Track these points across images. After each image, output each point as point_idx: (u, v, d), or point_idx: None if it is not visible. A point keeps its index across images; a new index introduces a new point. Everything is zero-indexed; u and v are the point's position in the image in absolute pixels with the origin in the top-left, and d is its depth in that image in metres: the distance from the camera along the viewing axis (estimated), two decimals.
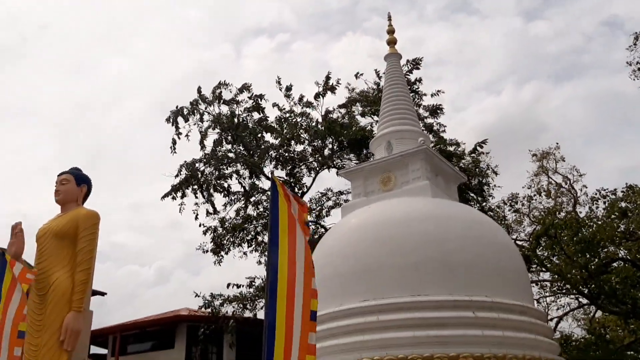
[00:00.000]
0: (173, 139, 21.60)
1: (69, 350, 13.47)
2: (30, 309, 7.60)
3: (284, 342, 6.12)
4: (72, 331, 14.03)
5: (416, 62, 22.84)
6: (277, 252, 6.58)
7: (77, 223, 14.05)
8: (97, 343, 22.45)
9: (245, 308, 20.58)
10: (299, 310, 6.34)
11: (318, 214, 23.48)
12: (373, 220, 11.49)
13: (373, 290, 10.32)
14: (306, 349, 6.21)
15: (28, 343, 8.60)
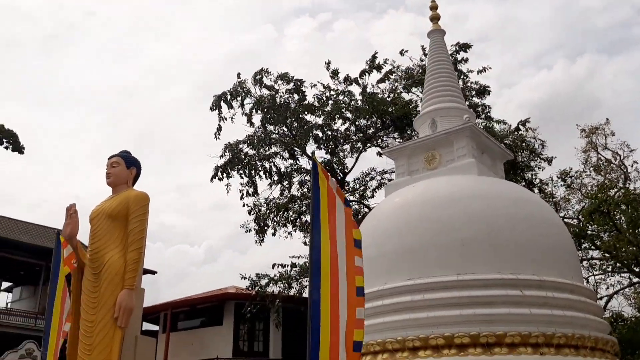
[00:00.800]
0: (218, 125, 21.87)
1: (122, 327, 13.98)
2: (86, 287, 7.90)
3: (330, 318, 6.18)
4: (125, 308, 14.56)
5: (465, 46, 22.38)
6: (319, 231, 6.63)
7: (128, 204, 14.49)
8: (149, 320, 23.18)
9: (290, 287, 20.85)
10: (344, 287, 6.39)
11: (362, 194, 23.48)
12: (418, 199, 11.41)
13: (418, 269, 10.29)
14: (354, 323, 6.27)
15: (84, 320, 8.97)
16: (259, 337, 21.56)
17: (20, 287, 35.41)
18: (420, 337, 9.61)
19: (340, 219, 6.68)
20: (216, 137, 21.90)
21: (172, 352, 20.86)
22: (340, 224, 6.67)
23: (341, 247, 6.52)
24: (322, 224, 6.66)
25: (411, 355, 9.59)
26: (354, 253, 6.59)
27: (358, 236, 6.72)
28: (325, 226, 6.65)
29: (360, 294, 6.35)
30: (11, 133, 24.11)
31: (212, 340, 20.99)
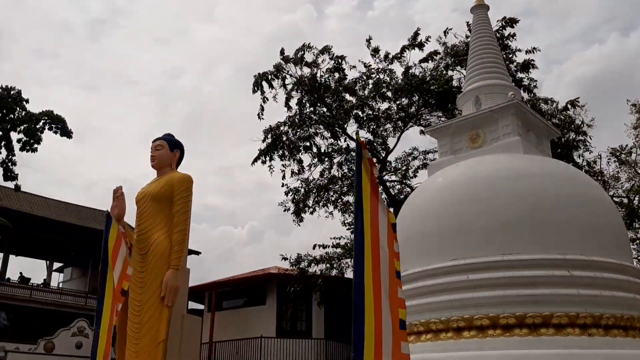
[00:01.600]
0: (260, 106, 21.95)
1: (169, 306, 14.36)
2: (134, 267, 8.10)
3: (373, 300, 6.21)
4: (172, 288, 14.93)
5: (511, 21, 21.74)
6: (362, 213, 6.62)
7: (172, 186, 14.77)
8: (194, 299, 23.68)
9: (332, 268, 20.95)
10: (385, 270, 6.39)
11: (404, 174, 23.30)
12: (461, 178, 11.24)
13: (461, 250, 10.17)
14: (397, 302, 6.30)
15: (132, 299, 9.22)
16: (302, 317, 21.78)
17: (70, 267, 36.65)
18: (464, 317, 9.55)
19: (381, 200, 6.66)
20: (259, 117, 22.01)
21: (217, 330, 21.28)
22: (382, 206, 6.65)
23: (383, 230, 6.52)
24: (364, 206, 6.64)
25: (455, 335, 9.54)
26: (393, 237, 6.60)
27: (393, 220, 6.72)
28: (367, 208, 6.63)
29: (398, 276, 6.39)
30: (60, 118, 24.75)
31: (255, 319, 21.31)
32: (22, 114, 23.64)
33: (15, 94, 23.73)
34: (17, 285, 29.72)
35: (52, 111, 24.53)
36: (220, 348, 21.13)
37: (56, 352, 20.70)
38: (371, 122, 22.51)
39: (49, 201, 32.70)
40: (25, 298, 28.81)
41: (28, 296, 29.03)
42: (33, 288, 30.10)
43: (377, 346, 6.12)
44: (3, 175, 23.45)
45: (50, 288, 32.45)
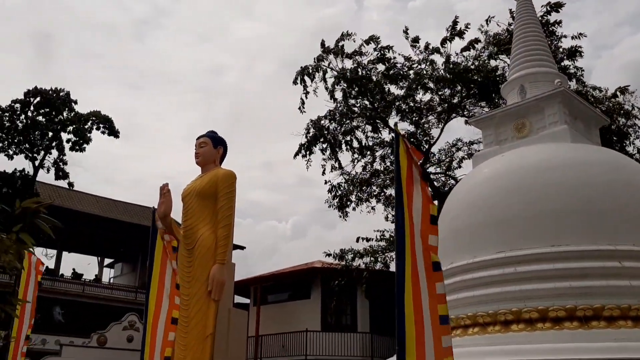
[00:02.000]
0: (301, 99, 22.00)
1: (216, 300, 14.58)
2: (181, 262, 8.25)
3: (412, 296, 6.18)
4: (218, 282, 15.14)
5: (556, 6, 21.14)
6: (402, 206, 6.58)
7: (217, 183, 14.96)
8: (240, 293, 23.98)
9: (376, 261, 20.88)
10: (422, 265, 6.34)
11: (448, 166, 23.02)
12: (507, 169, 11.02)
13: (509, 242, 9.99)
14: (436, 298, 6.25)
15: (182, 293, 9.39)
16: (347, 311, 21.79)
17: (121, 263, 37.63)
18: (512, 310, 9.39)
19: (417, 193, 6.59)
20: (301, 111, 22.05)
21: (263, 324, 21.50)
22: (417, 198, 6.58)
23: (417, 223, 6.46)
24: (405, 199, 6.60)
25: (503, 329, 9.38)
26: (429, 231, 6.51)
27: (434, 211, 6.63)
28: (406, 201, 6.59)
29: (437, 268, 6.31)
30: (106, 118, 25.41)
31: (300, 313, 21.43)
32: (70, 115, 24.37)
33: (64, 95, 24.47)
34: (70, 281, 30.71)
35: (99, 111, 25.21)
36: (267, 341, 21.34)
37: (109, 345, 21.33)
38: (413, 113, 22.29)
39: (98, 199, 33.64)
40: (78, 293, 29.73)
41: (81, 291, 29.94)
42: (85, 283, 31.03)
43: (418, 341, 6.08)
44: (55, 174, 24.26)
45: (102, 283, 33.42)
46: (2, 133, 22.87)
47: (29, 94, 23.58)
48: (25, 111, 23.44)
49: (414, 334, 6.10)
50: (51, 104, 23.63)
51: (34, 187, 23.12)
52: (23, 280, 10.80)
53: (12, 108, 23.25)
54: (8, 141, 23.02)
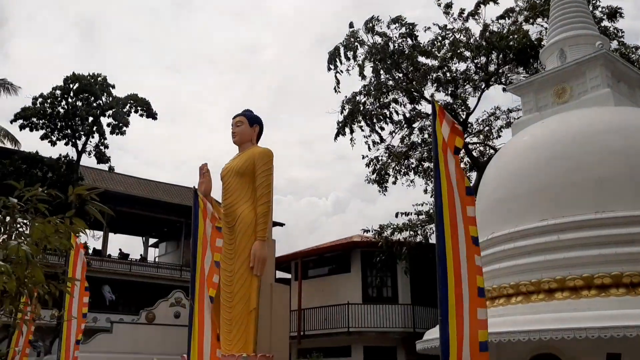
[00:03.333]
0: (336, 78, 21.87)
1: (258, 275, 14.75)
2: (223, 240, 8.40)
3: (453, 267, 6.19)
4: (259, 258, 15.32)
5: None
6: (440, 178, 6.54)
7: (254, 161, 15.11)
8: (281, 268, 24.28)
9: (416, 235, 20.82)
10: (462, 236, 6.31)
11: (486, 135, 22.63)
12: (549, 135, 10.79)
13: (552, 210, 9.83)
14: (474, 270, 6.24)
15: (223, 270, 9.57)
16: (387, 283, 21.85)
17: (165, 242, 38.46)
18: (556, 278, 9.28)
19: (451, 166, 6.55)
20: (336, 91, 21.96)
21: (304, 298, 21.76)
22: (451, 170, 6.54)
23: (456, 195, 6.43)
24: (441, 170, 6.56)
25: (547, 297, 9.29)
26: (466, 202, 6.47)
27: (467, 183, 6.58)
28: (444, 172, 6.55)
29: (475, 242, 6.30)
30: (144, 101, 25.75)
31: (341, 287, 21.59)
32: (109, 100, 24.80)
33: (102, 80, 24.89)
34: (117, 261, 31.59)
35: (136, 94, 25.57)
36: (309, 315, 21.61)
37: (157, 321, 21.93)
38: (449, 84, 21.91)
39: (140, 181, 34.32)
40: (125, 272, 30.58)
41: (128, 271, 30.80)
42: (132, 263, 31.88)
43: (458, 312, 6.10)
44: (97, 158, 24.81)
45: (147, 262, 34.27)
46: (44, 120, 23.46)
47: (67, 81, 24.08)
48: (65, 97, 23.95)
49: (454, 304, 6.12)
50: (89, 89, 24.07)
51: (78, 171, 23.72)
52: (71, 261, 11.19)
53: (52, 95, 23.78)
54: (51, 128, 23.60)
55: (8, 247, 3.07)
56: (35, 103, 23.72)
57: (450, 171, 6.51)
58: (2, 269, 3.01)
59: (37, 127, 23.68)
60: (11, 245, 3.07)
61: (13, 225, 3.27)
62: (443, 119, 6.63)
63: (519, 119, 13.90)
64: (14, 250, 3.06)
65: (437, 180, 6.58)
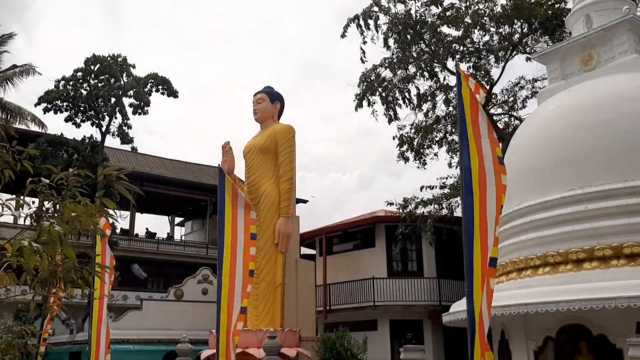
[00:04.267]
0: (361, 49, 21.60)
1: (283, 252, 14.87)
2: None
3: (480, 237, 6.15)
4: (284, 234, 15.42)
5: None
6: (468, 149, 6.46)
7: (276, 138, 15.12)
8: (306, 245, 24.41)
9: (441, 208, 20.70)
10: (492, 205, 6.25)
11: (511, 106, 22.27)
12: (575, 104, 10.58)
13: (579, 179, 9.68)
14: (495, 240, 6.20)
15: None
16: (412, 257, 21.84)
17: (190, 221, 38.90)
18: (584, 248, 9.17)
19: (484, 133, 6.45)
20: (362, 61, 21.67)
21: (330, 273, 21.88)
22: (484, 137, 6.45)
23: (488, 164, 6.35)
24: (470, 141, 6.47)
25: (575, 267, 9.20)
26: (500, 171, 6.40)
27: (499, 152, 6.49)
28: (473, 143, 6.46)
29: (499, 212, 6.27)
30: (164, 79, 25.82)
31: (366, 261, 21.65)
32: (130, 80, 24.92)
33: (122, 60, 25.01)
34: (145, 240, 32.04)
35: (156, 73, 25.66)
36: (335, 290, 21.75)
37: (185, 298, 22.29)
38: (472, 55, 21.53)
39: (164, 161, 34.62)
40: (153, 251, 31.02)
41: (155, 249, 31.24)
42: (159, 242, 32.33)
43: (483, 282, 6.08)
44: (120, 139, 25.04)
45: (174, 241, 34.72)
46: (68, 102, 23.71)
47: (88, 62, 24.25)
48: (86, 79, 24.14)
49: (480, 274, 6.10)
50: (110, 70, 24.22)
51: (103, 153, 24.01)
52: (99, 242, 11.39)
53: (75, 77, 23.98)
54: (74, 110, 23.84)
55: (41, 228, 3.12)
56: (58, 86, 23.97)
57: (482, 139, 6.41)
58: (35, 249, 3.07)
59: (60, 109, 23.96)
60: (43, 226, 3.13)
61: (44, 206, 3.32)
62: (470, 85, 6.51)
63: (545, 88, 13.64)
64: (45, 230, 3.11)
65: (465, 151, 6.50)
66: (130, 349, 20.37)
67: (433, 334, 19.64)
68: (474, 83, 6.64)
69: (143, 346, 20.64)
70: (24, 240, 3.10)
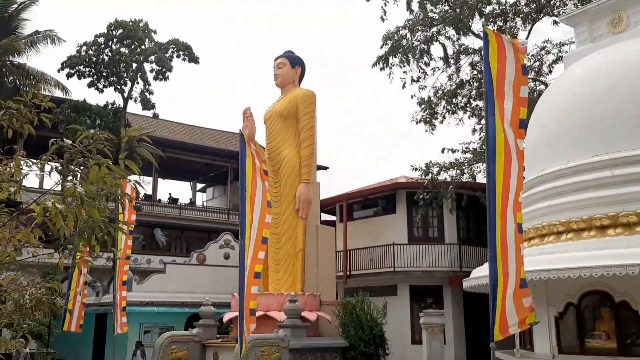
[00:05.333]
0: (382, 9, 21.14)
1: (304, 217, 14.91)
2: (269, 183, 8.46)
3: (501, 203, 6.10)
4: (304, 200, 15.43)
5: None
6: (494, 117, 6.35)
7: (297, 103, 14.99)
8: (327, 211, 24.49)
9: (462, 173, 20.50)
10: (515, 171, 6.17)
11: (537, 71, 21.79)
12: (603, 67, 10.29)
13: (605, 144, 9.48)
14: (518, 205, 6.14)
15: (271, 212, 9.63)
16: (434, 224, 21.76)
17: (212, 187, 39.21)
18: (609, 215, 9.03)
19: (509, 94, 6.33)
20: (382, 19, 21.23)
21: (350, 239, 21.95)
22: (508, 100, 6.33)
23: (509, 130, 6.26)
24: (495, 107, 6.36)
25: (599, 234, 9.08)
26: (519, 135, 6.30)
27: (523, 115, 6.36)
28: (497, 108, 6.35)
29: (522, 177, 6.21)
30: (185, 45, 25.75)
31: (387, 227, 21.65)
32: (151, 45, 24.90)
33: (143, 26, 24.96)
34: (167, 205, 32.42)
35: (178, 39, 25.58)
36: (355, 255, 21.85)
37: (207, 262, 22.65)
38: (497, 18, 21.01)
39: (186, 127, 34.74)
40: (175, 216, 31.44)
41: (177, 215, 31.63)
42: (181, 207, 32.70)
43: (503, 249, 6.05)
44: (142, 104, 25.14)
45: (196, 206, 35.07)
46: (90, 68, 23.81)
47: (110, 27, 24.26)
48: (108, 44, 24.17)
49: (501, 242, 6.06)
50: (132, 35, 24.19)
51: (125, 118, 24.16)
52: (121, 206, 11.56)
53: (96, 42, 24.02)
54: (97, 75, 23.96)
55: (65, 189, 3.15)
56: (80, 51, 24.03)
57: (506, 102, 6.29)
58: (60, 209, 3.10)
59: (83, 75, 24.08)
60: (68, 187, 3.16)
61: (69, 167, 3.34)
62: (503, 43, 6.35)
63: (572, 51, 13.30)
64: (70, 191, 3.14)
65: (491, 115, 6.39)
66: (154, 311, 20.82)
67: (453, 300, 19.71)
68: (508, 40, 6.43)
69: (167, 308, 21.10)
70: (48, 201, 3.13)
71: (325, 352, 15.51)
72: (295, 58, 17.87)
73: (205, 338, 16.67)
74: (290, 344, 14.52)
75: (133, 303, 19.06)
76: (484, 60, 6.44)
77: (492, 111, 6.40)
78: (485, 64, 6.40)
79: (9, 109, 3.36)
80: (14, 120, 3.38)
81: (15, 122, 3.39)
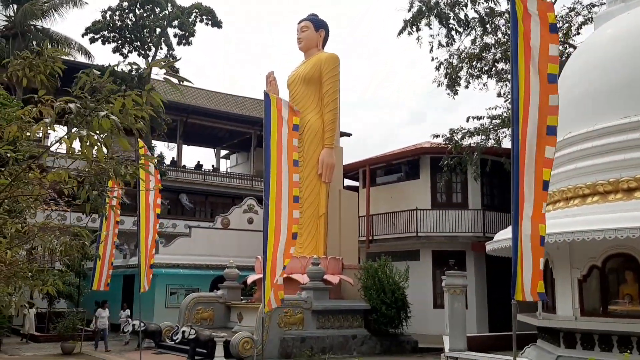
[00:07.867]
0: None
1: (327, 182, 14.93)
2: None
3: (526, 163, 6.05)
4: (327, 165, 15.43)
5: None
6: (518, 79, 6.25)
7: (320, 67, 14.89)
8: (350, 177, 24.50)
9: (488, 139, 20.26)
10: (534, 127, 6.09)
11: (565, 33, 21.23)
12: (633, 27, 10.00)
13: (635, 106, 9.28)
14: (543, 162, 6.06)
15: None
16: (457, 189, 21.66)
17: (235, 154, 39.41)
18: (636, 177, 8.89)
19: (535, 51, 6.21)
20: None
21: (373, 205, 21.98)
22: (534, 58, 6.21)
23: (535, 86, 6.15)
24: (520, 69, 6.24)
25: (626, 196, 8.97)
26: (548, 91, 6.17)
27: (553, 70, 6.22)
28: (522, 70, 6.24)
29: (552, 132, 6.08)
30: (208, 9, 25.61)
31: (410, 193, 21.61)
32: (174, 10, 24.82)
33: None
34: (191, 171, 32.72)
35: (200, 3, 25.45)
36: (378, 220, 21.91)
37: (231, 227, 22.94)
38: None
39: (209, 93, 34.74)
40: (200, 182, 31.76)
41: (202, 180, 31.95)
42: (205, 173, 32.98)
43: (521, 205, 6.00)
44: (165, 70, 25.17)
45: (220, 172, 35.33)
46: (115, 33, 23.88)
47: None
48: (132, 9, 24.16)
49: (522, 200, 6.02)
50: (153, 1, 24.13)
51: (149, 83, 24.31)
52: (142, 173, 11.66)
53: (120, 7, 24.03)
54: (121, 40, 24.03)
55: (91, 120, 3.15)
56: (105, 16, 24.06)
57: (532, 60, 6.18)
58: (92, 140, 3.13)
59: (108, 40, 24.16)
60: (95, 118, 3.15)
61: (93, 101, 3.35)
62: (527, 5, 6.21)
63: (603, 10, 12.92)
64: (96, 124, 3.13)
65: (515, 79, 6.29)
66: (180, 273, 21.27)
67: (476, 265, 19.74)
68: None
69: (192, 271, 21.52)
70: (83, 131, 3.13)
71: (347, 314, 15.78)
72: (319, 21, 17.61)
73: (229, 299, 17.03)
74: (313, 306, 14.76)
75: (160, 265, 19.49)
76: (511, 17, 6.33)
77: (516, 78, 6.31)
78: (512, 23, 6.29)
79: (25, 59, 3.39)
80: (27, 70, 3.42)
81: (29, 73, 3.43)
